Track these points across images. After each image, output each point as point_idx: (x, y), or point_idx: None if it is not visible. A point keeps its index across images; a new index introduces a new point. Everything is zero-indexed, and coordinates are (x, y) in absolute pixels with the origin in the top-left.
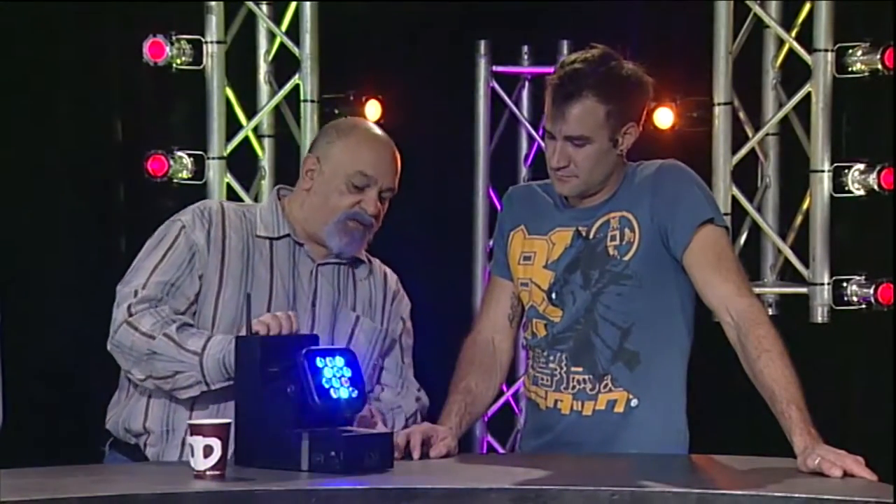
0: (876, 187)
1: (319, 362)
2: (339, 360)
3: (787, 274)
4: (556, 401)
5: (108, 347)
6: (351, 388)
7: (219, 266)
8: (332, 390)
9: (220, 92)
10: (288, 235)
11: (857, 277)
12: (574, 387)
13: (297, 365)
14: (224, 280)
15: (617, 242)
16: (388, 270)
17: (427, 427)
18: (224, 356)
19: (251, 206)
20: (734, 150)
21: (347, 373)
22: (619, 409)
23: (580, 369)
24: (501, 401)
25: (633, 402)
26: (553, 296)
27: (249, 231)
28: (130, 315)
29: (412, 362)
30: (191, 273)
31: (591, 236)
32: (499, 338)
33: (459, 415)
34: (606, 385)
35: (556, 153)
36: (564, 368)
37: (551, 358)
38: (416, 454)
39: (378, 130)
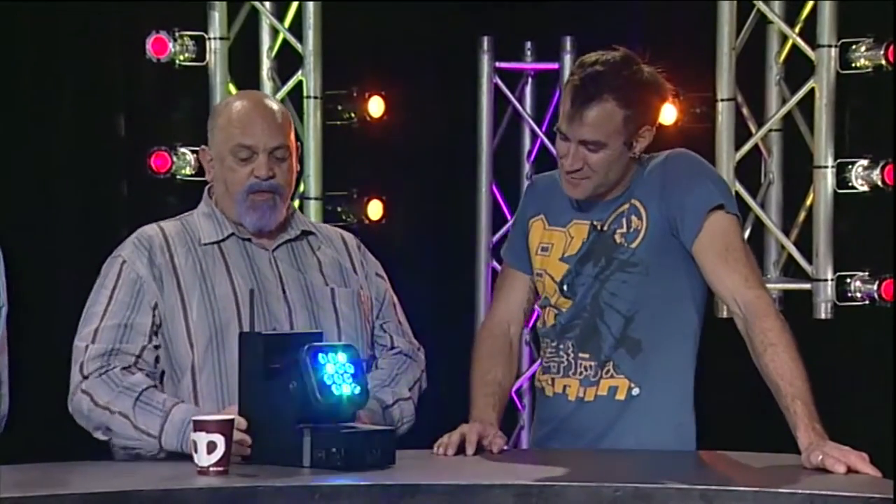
0: (879, 183)
1: (322, 359)
2: (342, 357)
3: (791, 270)
4: (564, 386)
5: (70, 409)
6: (353, 385)
7: (176, 290)
8: (333, 387)
9: (223, 88)
10: (233, 234)
11: (861, 273)
12: (581, 372)
13: (299, 361)
14: (186, 302)
15: (624, 230)
16: (343, 233)
17: (480, 426)
18: (182, 440)
19: (189, 215)
20: (737, 146)
21: (350, 369)
22: (621, 396)
23: (587, 355)
24: None
25: (635, 391)
26: (564, 287)
27: (194, 242)
28: (85, 378)
29: (405, 317)
30: (140, 308)
31: (605, 228)
32: (514, 328)
33: (497, 411)
34: (608, 371)
35: (570, 156)
36: (572, 355)
37: (561, 346)
38: (470, 450)
39: (250, 98)
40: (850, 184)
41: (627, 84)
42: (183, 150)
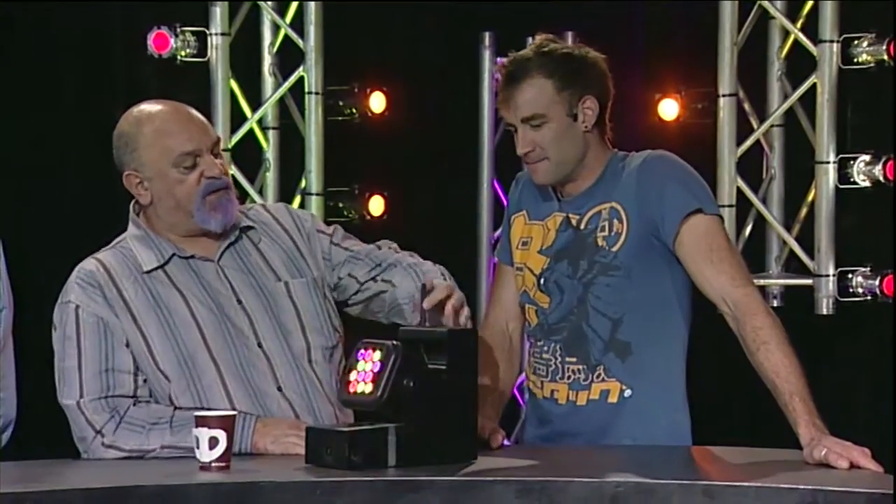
0: (881, 178)
1: (362, 356)
2: (377, 354)
3: (792, 265)
4: (552, 391)
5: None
6: (367, 384)
7: (133, 324)
8: (350, 384)
9: (224, 84)
10: (174, 255)
11: (863, 269)
12: (569, 377)
13: None
14: (146, 333)
15: (606, 233)
16: (270, 208)
17: (480, 421)
18: (242, 442)
19: (121, 242)
20: (739, 142)
21: (377, 367)
22: (613, 399)
23: (574, 359)
24: None
25: (627, 393)
26: (542, 281)
27: (137, 271)
28: (99, 433)
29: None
30: (114, 349)
31: (581, 226)
32: (512, 325)
33: (496, 407)
34: (599, 375)
35: (520, 140)
36: (559, 358)
37: (546, 348)
38: None
39: (162, 105)
40: (851, 179)
41: (550, 59)
42: None
